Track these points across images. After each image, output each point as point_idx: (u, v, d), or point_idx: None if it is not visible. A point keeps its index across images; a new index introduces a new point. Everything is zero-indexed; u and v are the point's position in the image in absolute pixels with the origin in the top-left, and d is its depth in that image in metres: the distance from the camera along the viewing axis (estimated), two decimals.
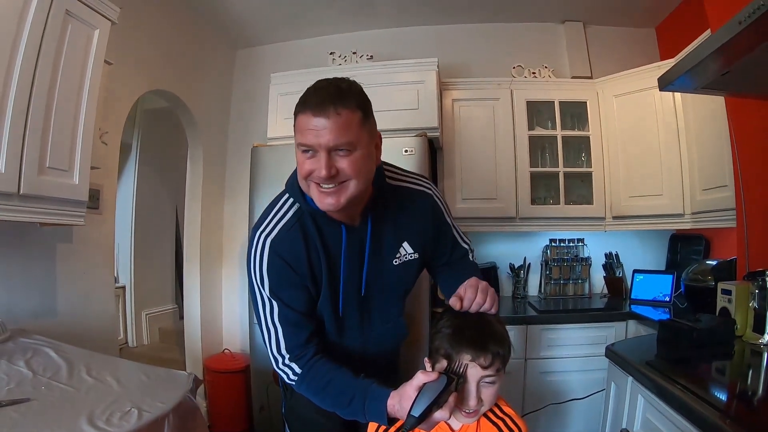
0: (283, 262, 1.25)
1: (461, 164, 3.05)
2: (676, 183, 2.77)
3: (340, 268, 1.32)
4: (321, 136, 1.09)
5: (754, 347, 1.77)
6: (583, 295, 3.31)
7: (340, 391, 1.21)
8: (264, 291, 1.27)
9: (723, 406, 1.27)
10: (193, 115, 3.38)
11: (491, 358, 1.13)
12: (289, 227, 1.27)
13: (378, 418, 1.14)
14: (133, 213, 4.42)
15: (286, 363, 1.27)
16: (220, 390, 3.35)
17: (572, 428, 2.73)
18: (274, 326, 1.28)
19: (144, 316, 4.56)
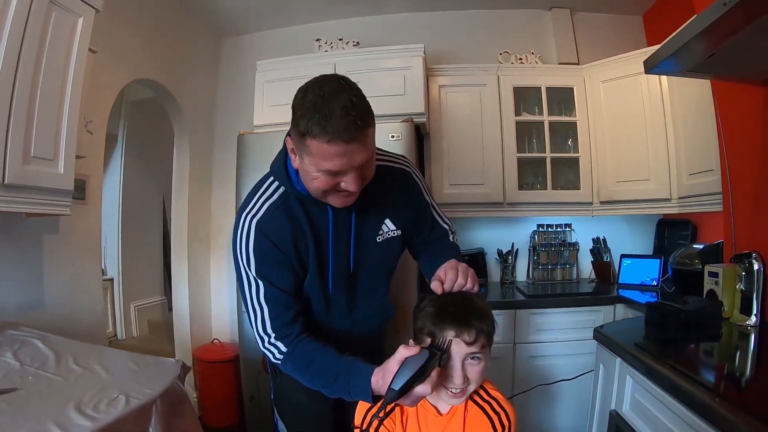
0: (270, 243, 1.27)
1: (448, 150, 3.04)
2: (663, 168, 2.78)
3: (329, 248, 1.34)
4: (354, 160, 1.10)
5: (742, 329, 1.79)
6: (571, 280, 3.33)
7: (325, 369, 1.21)
8: (250, 271, 1.28)
9: (712, 385, 1.27)
10: (179, 104, 3.35)
11: (475, 334, 1.14)
12: (275, 208, 1.29)
13: (362, 395, 1.15)
14: (120, 204, 4.41)
15: (272, 342, 1.28)
16: (210, 380, 3.34)
17: (561, 410, 2.75)
18: (260, 306, 1.29)
19: (133, 308, 4.56)
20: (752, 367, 1.51)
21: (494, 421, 1.25)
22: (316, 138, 1.05)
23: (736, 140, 2.05)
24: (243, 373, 2.87)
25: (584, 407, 2.67)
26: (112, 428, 1.26)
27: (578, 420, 2.67)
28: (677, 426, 1.29)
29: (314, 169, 1.12)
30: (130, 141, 4.49)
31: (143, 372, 1.61)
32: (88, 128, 2.52)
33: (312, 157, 1.10)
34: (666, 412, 1.35)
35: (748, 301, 1.81)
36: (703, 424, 1.15)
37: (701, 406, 1.16)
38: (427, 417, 1.27)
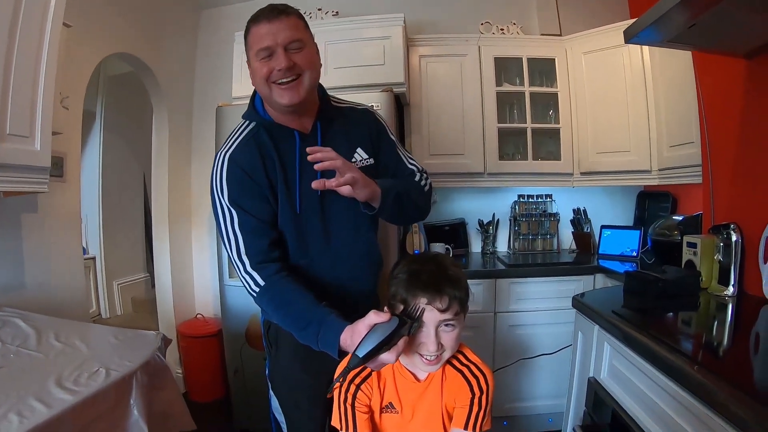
0: (241, 171, 1.34)
1: (428, 120, 3.03)
2: (644, 140, 2.79)
3: (296, 171, 1.39)
4: (277, 35, 1.28)
5: (719, 299, 1.81)
6: (552, 251, 3.36)
7: (298, 314, 1.25)
8: (224, 200, 1.34)
9: (689, 352, 1.29)
10: (157, 77, 3.29)
11: (448, 300, 1.14)
12: (245, 141, 1.39)
13: (329, 348, 1.18)
14: (100, 182, 4.36)
15: (248, 270, 1.32)
16: (195, 356, 3.35)
17: (541, 379, 2.79)
18: (234, 235, 1.34)
19: (116, 286, 4.54)
20: (729, 336, 1.52)
21: (473, 385, 1.27)
22: (250, 30, 1.32)
23: (716, 112, 2.05)
24: (226, 347, 2.88)
25: (564, 376, 2.73)
26: (93, 401, 1.26)
27: (558, 388, 2.69)
28: (654, 392, 1.30)
29: (254, 58, 1.31)
30: (109, 117, 4.42)
31: (124, 345, 1.61)
32: (64, 104, 2.47)
33: (252, 49, 1.31)
34: (643, 378, 1.36)
35: (726, 271, 1.83)
36: (679, 390, 1.16)
37: (678, 373, 1.17)
38: (405, 383, 1.29)
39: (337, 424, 1.29)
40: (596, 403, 1.63)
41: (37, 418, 1.11)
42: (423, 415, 1.30)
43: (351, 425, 1.26)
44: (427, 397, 1.29)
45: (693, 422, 1.12)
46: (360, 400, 1.27)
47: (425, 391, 1.29)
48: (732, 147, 1.95)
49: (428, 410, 1.29)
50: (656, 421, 1.29)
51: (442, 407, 1.29)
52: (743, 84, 1.85)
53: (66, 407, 1.17)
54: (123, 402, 1.36)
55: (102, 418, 1.29)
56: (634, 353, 1.40)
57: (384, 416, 1.31)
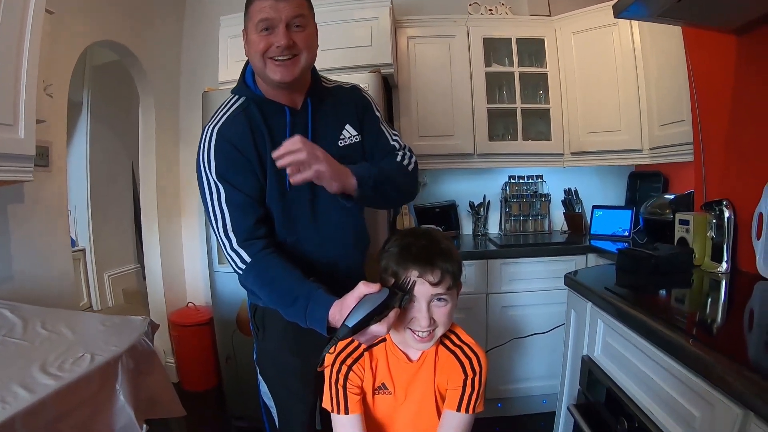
0: (230, 145, 1.32)
1: (417, 102, 3.01)
2: (634, 118, 2.79)
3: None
4: (281, 9, 1.25)
5: (713, 275, 1.80)
6: (543, 231, 3.36)
7: (285, 290, 1.23)
8: (211, 175, 1.32)
9: (685, 326, 1.28)
10: (143, 64, 3.24)
11: (440, 274, 1.12)
12: (234, 115, 1.37)
13: (317, 324, 1.16)
14: (88, 173, 4.28)
15: (234, 247, 1.30)
16: (187, 345, 3.33)
17: (535, 359, 2.80)
18: (221, 210, 1.32)
19: (106, 277, 4.48)
20: (724, 311, 1.51)
21: (465, 366, 1.25)
22: (255, 0, 1.27)
23: (707, 90, 2.04)
24: (218, 334, 2.86)
25: (558, 357, 2.72)
26: (77, 386, 1.24)
27: (552, 369, 2.71)
28: (649, 367, 1.29)
29: (253, 31, 1.28)
30: (95, 107, 4.33)
31: (110, 331, 1.58)
32: (48, 92, 2.42)
33: (251, 20, 1.28)
34: (638, 354, 1.35)
35: (719, 248, 1.82)
36: (675, 364, 1.15)
37: (674, 346, 1.15)
38: (398, 364, 1.27)
39: (328, 406, 1.27)
40: (590, 382, 1.62)
41: (20, 403, 1.10)
42: (416, 396, 1.29)
43: (342, 407, 1.25)
44: (419, 378, 1.28)
45: (690, 396, 1.10)
46: (352, 381, 1.25)
47: (418, 371, 1.27)
48: (723, 124, 1.94)
49: (421, 391, 1.28)
50: (652, 397, 1.28)
51: (435, 388, 1.28)
52: (734, 60, 1.83)
53: (49, 392, 1.16)
54: (108, 387, 1.35)
55: (86, 403, 1.27)
56: (629, 329, 1.39)
57: (377, 397, 1.30)
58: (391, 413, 1.32)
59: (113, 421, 1.33)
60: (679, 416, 1.15)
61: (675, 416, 1.17)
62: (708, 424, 1.03)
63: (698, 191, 2.13)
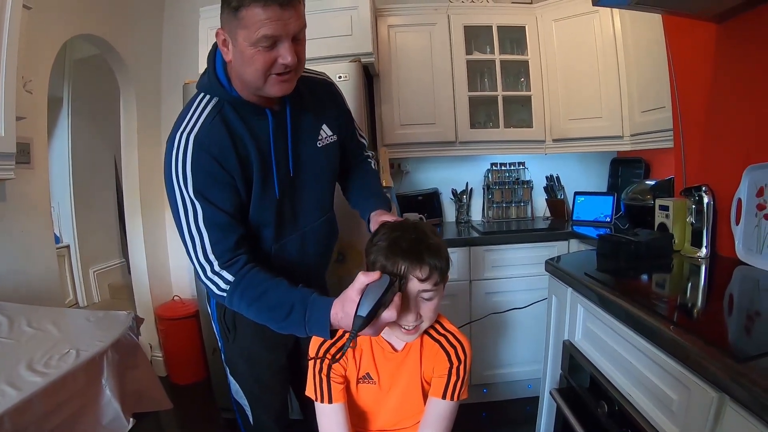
0: (210, 158, 1.19)
1: (398, 90, 3.01)
2: (615, 106, 2.82)
3: (271, 153, 1.30)
4: (288, 24, 1.10)
5: (692, 260, 1.82)
6: (526, 218, 3.38)
7: (277, 301, 1.14)
8: (187, 192, 1.17)
9: (665, 312, 1.29)
10: (123, 58, 3.20)
11: (428, 270, 1.12)
12: (211, 119, 1.22)
13: (319, 329, 1.10)
14: (70, 169, 4.23)
15: (216, 270, 1.19)
16: (174, 338, 3.33)
17: (520, 347, 2.83)
18: (198, 232, 1.18)
19: (92, 273, 4.44)
20: (704, 296, 1.53)
21: (450, 354, 1.27)
22: (251, 6, 1.06)
23: (687, 77, 2.05)
24: (203, 326, 2.86)
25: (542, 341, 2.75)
26: (63, 382, 1.25)
27: (536, 354, 2.67)
28: (629, 353, 1.31)
29: (249, 43, 1.10)
30: (77, 102, 4.26)
31: (95, 326, 1.60)
32: (27, 88, 2.38)
33: (247, 29, 1.08)
34: (618, 339, 1.37)
35: (699, 233, 1.83)
36: (654, 350, 1.17)
37: (653, 332, 1.17)
38: (383, 353, 1.29)
39: (311, 395, 1.28)
40: (572, 366, 1.64)
41: (8, 401, 1.11)
42: (401, 385, 1.30)
43: (326, 396, 1.26)
44: (405, 368, 1.29)
45: (668, 380, 1.12)
46: (335, 370, 1.27)
47: (403, 361, 1.29)
48: (702, 111, 1.96)
49: (406, 380, 1.30)
50: (633, 382, 1.29)
51: (421, 377, 1.30)
52: (713, 48, 1.85)
53: (36, 389, 1.17)
54: (95, 382, 1.36)
55: (74, 398, 1.28)
56: (609, 315, 1.40)
57: (360, 387, 1.31)
58: (375, 402, 1.34)
59: (100, 415, 1.35)
60: (657, 400, 1.17)
61: (654, 400, 1.19)
62: (684, 407, 1.05)
63: (678, 177, 2.15)
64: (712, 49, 1.86)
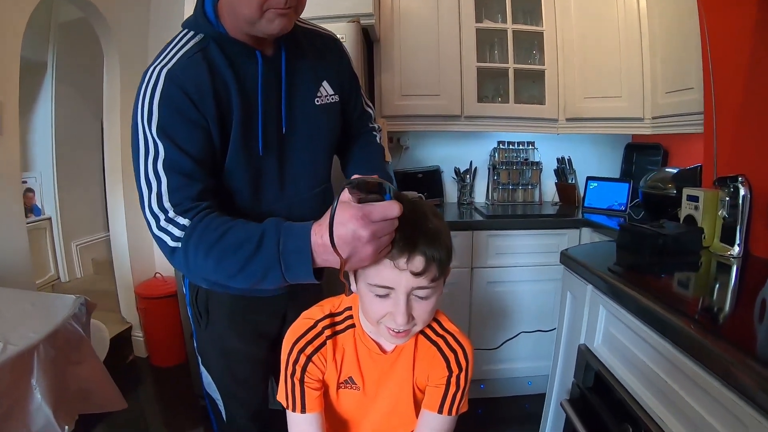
0: (182, 93, 1.02)
1: (400, 57, 2.81)
2: (636, 84, 2.63)
3: (258, 101, 1.13)
4: None
5: (722, 259, 1.65)
6: (533, 202, 3.22)
7: (244, 236, 0.93)
8: (150, 131, 1.01)
9: (709, 321, 1.10)
10: (107, 20, 3.02)
11: (424, 262, 0.87)
12: (191, 55, 1.06)
13: (299, 263, 0.88)
14: (53, 137, 4.07)
15: (170, 217, 0.98)
16: (155, 318, 3.19)
17: (521, 341, 2.70)
18: (156, 176, 1.00)
19: (74, 247, 4.30)
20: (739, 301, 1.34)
21: (450, 361, 1.06)
22: None
23: (724, 55, 1.87)
24: (182, 307, 2.71)
25: (544, 337, 2.64)
26: None
27: (538, 350, 2.65)
28: (663, 369, 1.11)
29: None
30: (62, 67, 4.08)
31: (37, 312, 1.39)
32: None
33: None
34: (646, 349, 1.18)
35: (731, 229, 1.66)
36: (692, 364, 0.97)
37: (691, 345, 0.97)
38: (369, 355, 1.06)
39: (282, 401, 1.07)
40: (588, 375, 1.46)
41: None
42: (389, 392, 1.10)
43: (299, 404, 1.05)
44: (394, 373, 1.08)
45: (718, 412, 0.92)
46: (311, 374, 1.05)
47: (393, 364, 1.08)
48: (740, 93, 1.77)
49: (396, 387, 1.09)
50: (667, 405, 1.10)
51: (413, 384, 1.09)
52: (753, 24, 1.67)
53: None
54: (22, 383, 1.14)
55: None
56: (638, 320, 1.20)
57: (342, 392, 1.10)
58: (358, 410, 1.13)
59: (29, 422, 1.13)
60: (695, 427, 0.98)
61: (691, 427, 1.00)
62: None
63: (707, 165, 1.98)
64: (751, 24, 1.68)
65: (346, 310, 1.09)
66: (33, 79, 3.89)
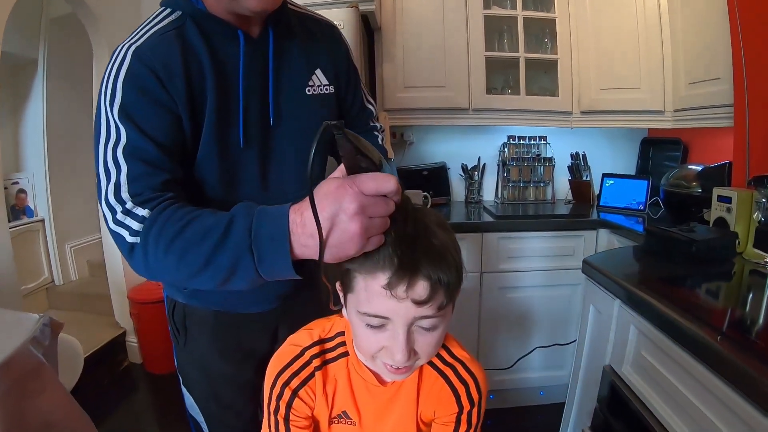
0: (149, 72, 0.90)
1: (403, 46, 2.68)
2: (657, 75, 2.50)
3: (239, 87, 1.01)
4: None
5: (758, 267, 1.50)
6: (546, 201, 3.08)
7: (209, 225, 0.77)
8: (111, 113, 0.88)
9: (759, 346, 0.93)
10: (96, 15, 2.94)
11: (428, 289, 0.70)
12: (163, 33, 0.96)
13: (273, 248, 0.72)
14: (45, 136, 3.99)
15: (127, 209, 0.84)
16: (148, 323, 3.11)
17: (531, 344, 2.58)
18: (115, 163, 0.87)
19: (68, 249, 4.24)
20: None
21: (460, 394, 0.89)
22: None
23: (758, 44, 1.76)
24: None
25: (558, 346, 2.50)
26: None
27: (550, 359, 2.55)
28: (704, 401, 0.95)
29: None
30: (53, 63, 4.01)
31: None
32: None
33: None
34: (688, 380, 1.01)
35: (766, 233, 1.52)
36: (749, 407, 0.81)
37: (747, 384, 0.81)
38: (365, 387, 0.90)
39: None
40: (613, 401, 1.30)
41: None
42: (390, 428, 0.93)
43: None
44: (396, 406, 0.92)
45: None
46: (297, 410, 0.89)
47: (393, 397, 0.91)
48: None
49: (397, 422, 0.93)
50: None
51: (417, 419, 0.93)
52: None
53: None
54: None
55: None
56: (681, 348, 1.04)
57: (335, 428, 0.94)
58: None
59: None
60: None
61: None
62: None
63: (738, 162, 1.89)
64: None
65: (337, 336, 0.93)
66: (23, 76, 3.84)
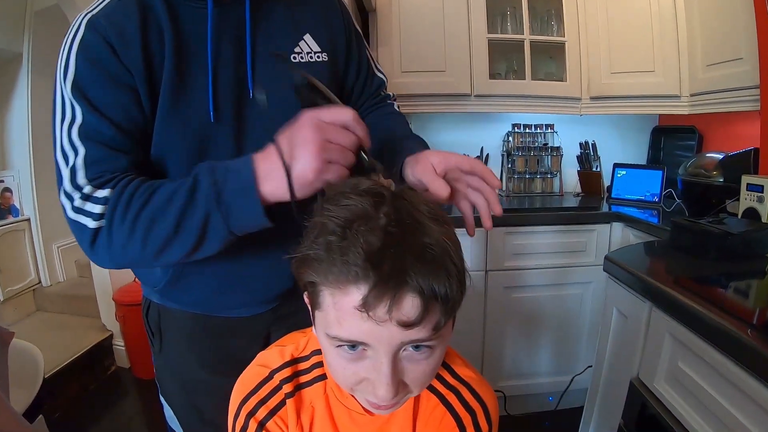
0: (103, 42, 0.81)
1: (400, 28, 2.55)
2: (672, 57, 2.41)
3: (208, 57, 0.90)
4: None
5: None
6: (553, 193, 2.96)
7: (172, 190, 0.76)
8: (65, 88, 0.81)
9: None
10: (78, 5, 2.81)
11: (419, 306, 0.53)
12: (119, 0, 0.85)
13: (241, 198, 0.73)
14: (30, 133, 3.89)
15: (86, 194, 0.77)
16: (134, 326, 3.01)
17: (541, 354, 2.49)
18: (72, 147, 0.80)
19: (56, 249, 4.15)
20: None
21: (465, 425, 0.72)
22: None
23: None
24: None
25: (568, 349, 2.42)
26: None
27: (560, 363, 2.45)
28: (754, 422, 0.83)
29: None
30: (38, 58, 3.90)
31: None
32: None
33: None
34: (736, 397, 0.88)
35: None
36: None
37: None
38: (350, 416, 0.73)
39: None
40: (643, 418, 1.16)
41: None
42: None
43: None
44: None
45: None
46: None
47: (383, 428, 0.74)
48: None
49: None
50: None
51: None
52: None
53: None
54: None
55: None
56: (727, 358, 0.90)
57: None
58: None
59: None
60: None
61: None
62: None
63: (766, 148, 1.84)
64: None
65: (313, 354, 0.76)
66: (7, 71, 3.77)
